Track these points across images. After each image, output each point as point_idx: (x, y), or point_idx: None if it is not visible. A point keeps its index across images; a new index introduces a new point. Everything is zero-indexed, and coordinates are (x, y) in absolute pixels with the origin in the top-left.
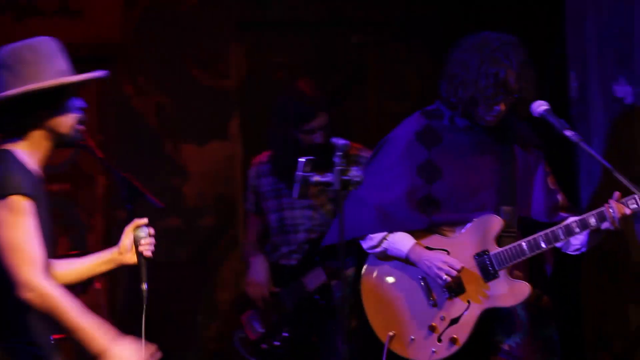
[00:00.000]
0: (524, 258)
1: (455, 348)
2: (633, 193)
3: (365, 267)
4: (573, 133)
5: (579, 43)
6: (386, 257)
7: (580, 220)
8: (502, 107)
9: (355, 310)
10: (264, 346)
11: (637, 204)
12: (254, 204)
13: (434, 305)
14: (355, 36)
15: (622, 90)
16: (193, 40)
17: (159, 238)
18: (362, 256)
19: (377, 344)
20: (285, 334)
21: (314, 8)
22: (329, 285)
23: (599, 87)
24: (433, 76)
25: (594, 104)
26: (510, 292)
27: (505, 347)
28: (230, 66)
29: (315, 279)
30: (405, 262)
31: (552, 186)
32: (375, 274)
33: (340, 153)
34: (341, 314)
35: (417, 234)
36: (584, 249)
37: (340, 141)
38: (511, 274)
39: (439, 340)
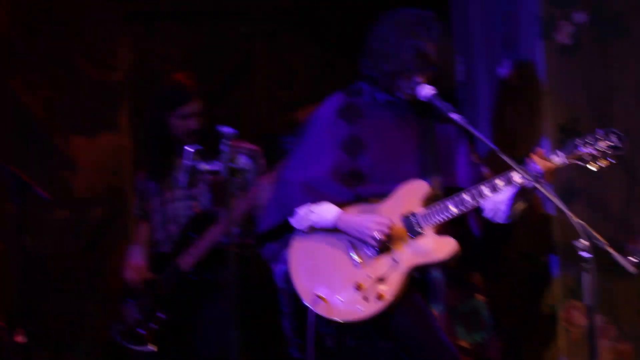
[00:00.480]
0: (449, 216)
1: (381, 304)
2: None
3: (292, 241)
4: (459, 116)
5: (464, 26)
6: (314, 230)
7: (504, 175)
8: (421, 79)
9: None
10: (141, 331)
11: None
12: (139, 208)
13: (361, 265)
14: (243, 26)
15: (508, 73)
16: (80, 34)
17: (49, 229)
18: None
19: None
20: (161, 315)
21: None
22: (206, 261)
23: (485, 70)
24: (321, 64)
25: (480, 87)
26: (437, 247)
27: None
28: (117, 58)
29: (188, 256)
30: (332, 231)
31: (475, 160)
32: (301, 245)
33: (227, 141)
34: (230, 296)
35: (343, 206)
36: (509, 214)
37: (226, 129)
38: (438, 232)
39: (366, 298)
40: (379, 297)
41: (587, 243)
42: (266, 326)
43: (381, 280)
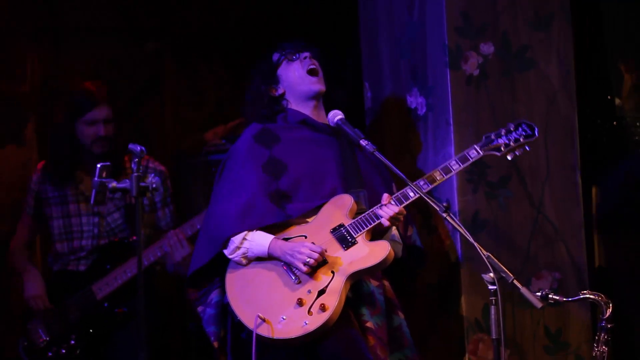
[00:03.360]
0: (377, 222)
1: (326, 315)
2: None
3: (227, 271)
4: (368, 142)
5: (373, 55)
6: (248, 259)
7: (427, 177)
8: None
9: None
10: (50, 354)
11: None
12: (32, 208)
13: (299, 282)
14: (151, 44)
15: (415, 101)
16: None
17: None
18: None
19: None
20: (72, 342)
21: (111, 15)
22: (122, 292)
23: (393, 98)
24: (230, 84)
25: (388, 114)
26: (371, 252)
27: (369, 324)
28: (26, 72)
29: (105, 286)
30: (266, 258)
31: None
32: (237, 275)
33: (137, 159)
34: (140, 321)
35: (274, 230)
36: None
37: (136, 147)
38: (369, 238)
39: (309, 312)
40: (323, 308)
41: (493, 276)
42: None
43: (322, 292)
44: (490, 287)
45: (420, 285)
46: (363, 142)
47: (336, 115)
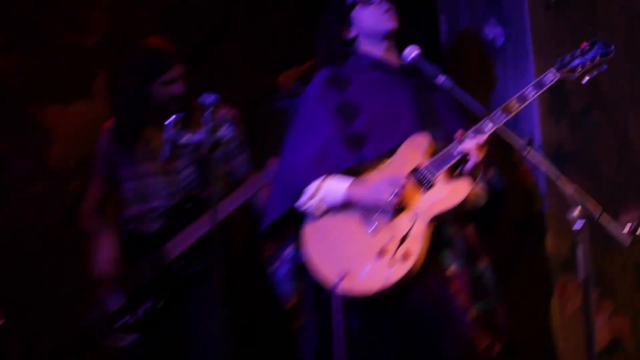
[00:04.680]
0: (456, 158)
1: (409, 263)
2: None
3: (304, 226)
4: (446, 78)
5: None
6: (322, 210)
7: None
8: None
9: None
10: (127, 317)
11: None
12: (102, 171)
13: (380, 230)
14: None
15: (493, 32)
16: None
17: (27, 203)
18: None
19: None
20: (149, 304)
21: None
22: (197, 249)
23: (470, 29)
24: (303, 25)
25: (465, 48)
26: (452, 192)
27: (452, 268)
28: (92, 22)
29: (178, 244)
30: (341, 207)
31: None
32: (313, 229)
33: (210, 110)
34: (216, 277)
35: (351, 175)
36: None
37: (208, 97)
38: (448, 178)
39: (392, 261)
40: (406, 256)
41: (580, 213)
42: (254, 310)
43: (404, 239)
44: (577, 224)
45: (503, 225)
46: (441, 78)
47: (412, 52)
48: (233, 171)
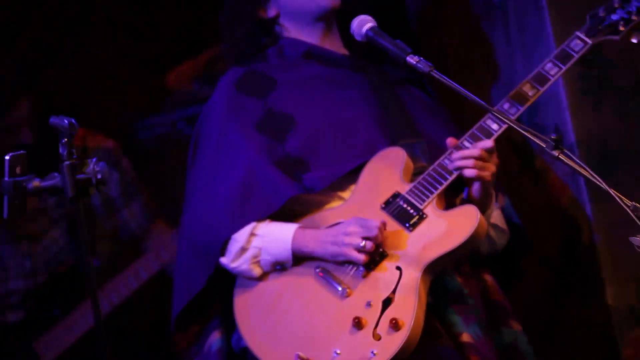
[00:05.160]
0: (451, 179)
1: (401, 335)
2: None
3: (235, 294)
4: (419, 58)
5: None
6: (262, 268)
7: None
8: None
9: None
10: None
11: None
12: None
13: (348, 292)
14: None
15: None
16: None
17: None
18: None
19: None
20: None
21: None
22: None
23: None
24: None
25: (447, 10)
26: (452, 226)
27: (466, 337)
28: None
29: (53, 343)
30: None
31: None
32: (250, 295)
33: (66, 139)
34: None
35: (291, 221)
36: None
37: (62, 121)
38: (442, 207)
39: (375, 335)
40: (395, 325)
41: None
42: None
43: (388, 302)
44: None
45: (533, 263)
46: (411, 60)
47: (364, 24)
48: (125, 225)
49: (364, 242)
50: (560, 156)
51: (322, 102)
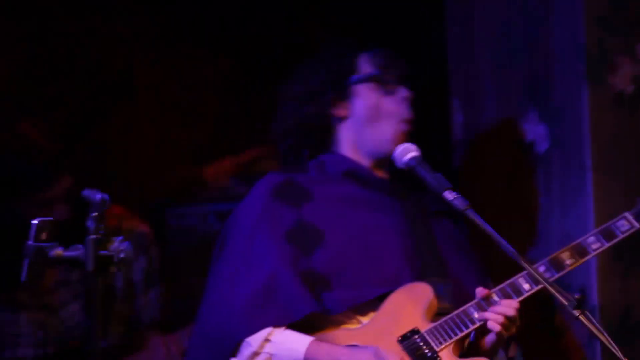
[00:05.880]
0: (473, 328)
1: None
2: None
3: None
4: (456, 195)
5: (466, 58)
6: None
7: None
8: (406, 95)
9: None
10: None
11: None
12: None
13: None
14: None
15: (533, 132)
16: None
17: None
18: None
19: None
20: None
21: None
22: None
23: (498, 125)
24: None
25: (488, 150)
26: None
27: None
28: None
29: None
30: None
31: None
32: None
33: (96, 213)
34: None
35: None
36: None
37: (95, 195)
38: (457, 354)
39: None
40: None
41: None
42: None
43: None
44: None
45: None
46: (448, 195)
47: (408, 152)
48: (138, 312)
49: None
50: (580, 317)
51: (354, 223)
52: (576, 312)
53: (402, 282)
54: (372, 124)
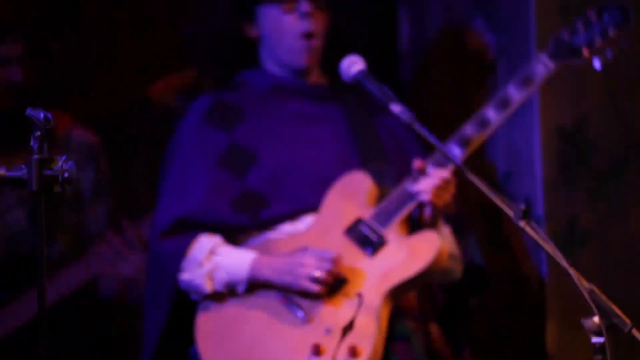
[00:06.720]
0: (414, 203)
1: None
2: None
3: (197, 315)
4: (402, 107)
5: None
6: (215, 286)
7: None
8: (309, 10)
9: None
10: None
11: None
12: None
13: (309, 319)
14: None
15: (481, 41)
16: None
17: None
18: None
19: None
20: None
21: None
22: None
23: (444, 35)
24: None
25: (435, 62)
26: (414, 251)
27: None
28: None
29: None
30: (250, 288)
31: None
32: (211, 317)
33: (39, 132)
34: None
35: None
36: None
37: (38, 113)
38: (405, 232)
39: None
40: (354, 353)
41: (599, 322)
42: None
43: (348, 329)
44: (595, 339)
45: (483, 331)
46: (395, 108)
47: (353, 65)
48: (87, 223)
49: (318, 273)
50: (526, 227)
51: (287, 138)
52: (522, 223)
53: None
54: (277, 42)
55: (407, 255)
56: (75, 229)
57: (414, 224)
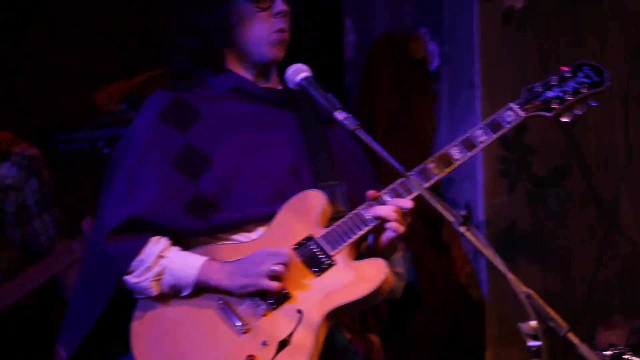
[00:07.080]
0: (366, 229)
1: None
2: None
3: (134, 315)
4: (346, 115)
5: None
6: (162, 290)
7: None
8: (284, 9)
9: None
10: None
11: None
12: None
13: (247, 329)
14: None
15: (424, 50)
16: None
17: None
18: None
19: None
20: None
21: None
22: None
23: (389, 43)
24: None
25: (380, 69)
26: (358, 277)
27: None
28: None
29: None
30: (193, 292)
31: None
32: (149, 317)
33: None
34: None
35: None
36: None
37: None
38: (353, 257)
39: None
40: None
41: (536, 325)
42: None
43: (284, 344)
44: (531, 342)
45: (422, 336)
46: (339, 115)
47: (299, 73)
48: (34, 237)
49: (277, 267)
50: (466, 233)
51: (241, 142)
52: (462, 229)
53: (287, 199)
54: (249, 36)
55: (354, 279)
56: (21, 243)
57: (369, 249)
